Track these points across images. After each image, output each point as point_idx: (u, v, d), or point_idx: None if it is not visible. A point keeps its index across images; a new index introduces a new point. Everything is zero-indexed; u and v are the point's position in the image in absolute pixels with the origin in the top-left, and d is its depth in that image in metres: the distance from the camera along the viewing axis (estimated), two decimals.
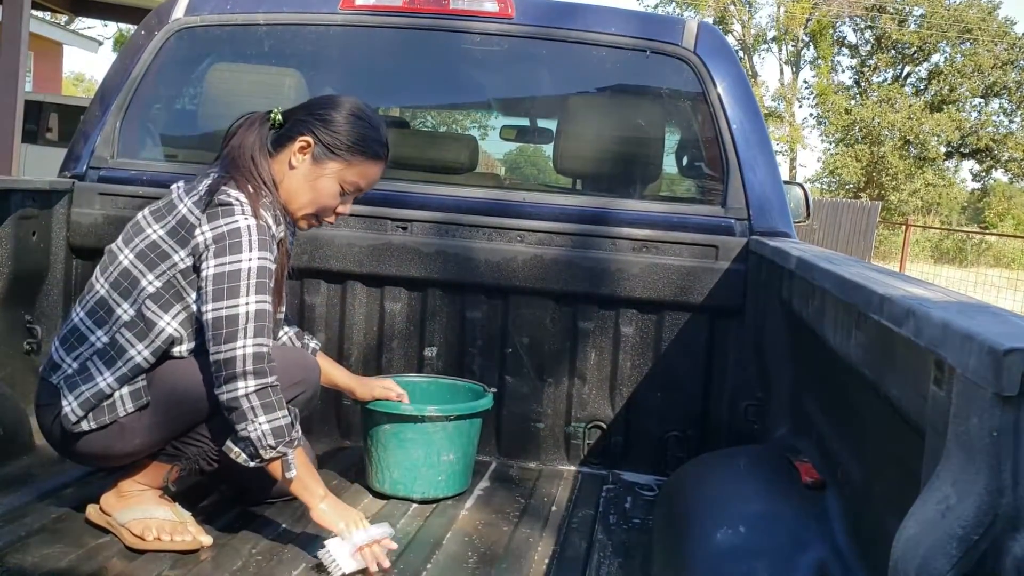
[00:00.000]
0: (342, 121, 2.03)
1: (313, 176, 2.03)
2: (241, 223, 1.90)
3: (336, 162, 2.03)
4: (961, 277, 16.14)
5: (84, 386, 1.96)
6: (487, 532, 2.24)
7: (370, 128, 2.06)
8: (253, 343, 1.86)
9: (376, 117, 2.11)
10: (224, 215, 1.91)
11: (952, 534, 0.88)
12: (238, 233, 1.89)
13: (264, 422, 1.85)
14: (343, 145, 2.02)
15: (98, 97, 2.87)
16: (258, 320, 1.87)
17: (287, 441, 1.88)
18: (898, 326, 1.16)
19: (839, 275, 1.56)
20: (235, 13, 2.85)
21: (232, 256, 1.88)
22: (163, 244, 1.96)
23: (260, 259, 1.90)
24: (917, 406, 1.12)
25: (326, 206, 2.07)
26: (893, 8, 29.76)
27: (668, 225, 2.68)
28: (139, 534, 1.97)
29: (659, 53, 2.74)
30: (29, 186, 2.61)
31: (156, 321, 1.95)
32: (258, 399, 1.85)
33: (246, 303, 1.86)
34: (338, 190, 2.05)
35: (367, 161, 2.06)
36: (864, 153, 28.77)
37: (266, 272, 1.91)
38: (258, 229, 1.91)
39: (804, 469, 1.92)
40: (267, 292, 1.91)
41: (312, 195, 2.04)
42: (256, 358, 1.85)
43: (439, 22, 2.80)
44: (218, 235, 1.90)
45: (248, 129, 2.04)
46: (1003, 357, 0.86)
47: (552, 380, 2.76)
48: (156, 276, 1.96)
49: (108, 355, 1.96)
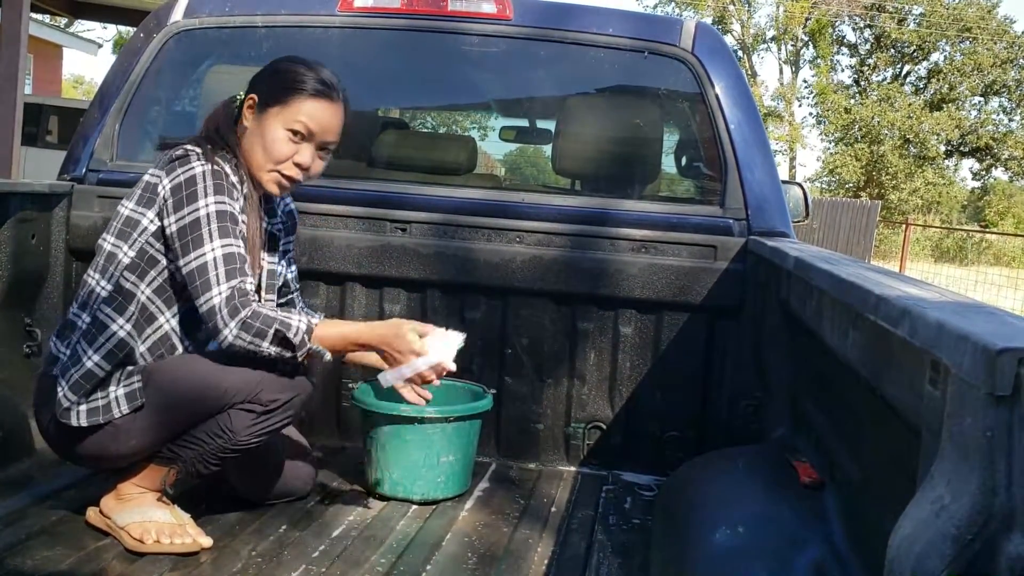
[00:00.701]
0: (281, 69, 2.10)
1: (261, 129, 2.07)
2: (197, 169, 1.96)
3: (275, 106, 2.06)
4: (961, 276, 16.14)
5: (73, 368, 1.99)
6: (487, 533, 2.24)
7: (300, 68, 2.10)
8: (226, 287, 1.89)
9: (312, 62, 2.14)
10: (180, 165, 1.98)
11: (946, 534, 0.88)
12: (193, 181, 1.95)
13: (268, 346, 1.90)
14: (277, 89, 2.07)
15: (97, 99, 2.88)
16: (227, 264, 1.91)
17: (298, 341, 1.92)
18: (894, 326, 1.16)
19: (836, 275, 1.57)
20: (234, 15, 2.86)
21: (190, 207, 1.93)
22: (134, 215, 2.03)
23: (217, 203, 1.94)
24: (913, 406, 1.13)
25: (279, 155, 2.07)
26: (892, 7, 29.76)
27: (667, 225, 2.69)
28: (138, 537, 1.97)
29: (657, 54, 2.74)
30: (28, 189, 2.61)
31: (134, 292, 2.00)
32: (248, 334, 1.88)
33: (212, 249, 1.90)
34: (285, 135, 2.06)
35: (305, 98, 2.07)
36: (864, 152, 28.77)
37: (227, 216, 1.95)
38: (213, 174, 1.96)
39: (802, 469, 1.93)
40: (233, 235, 1.94)
41: (262, 146, 2.06)
42: (228, 300, 1.88)
43: (437, 23, 2.80)
44: (175, 186, 1.96)
45: (215, 111, 2.15)
46: (996, 357, 0.86)
47: (551, 381, 2.76)
48: (130, 246, 2.01)
49: (91, 333, 2.00)
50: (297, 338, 1.92)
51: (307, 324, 1.95)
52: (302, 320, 1.95)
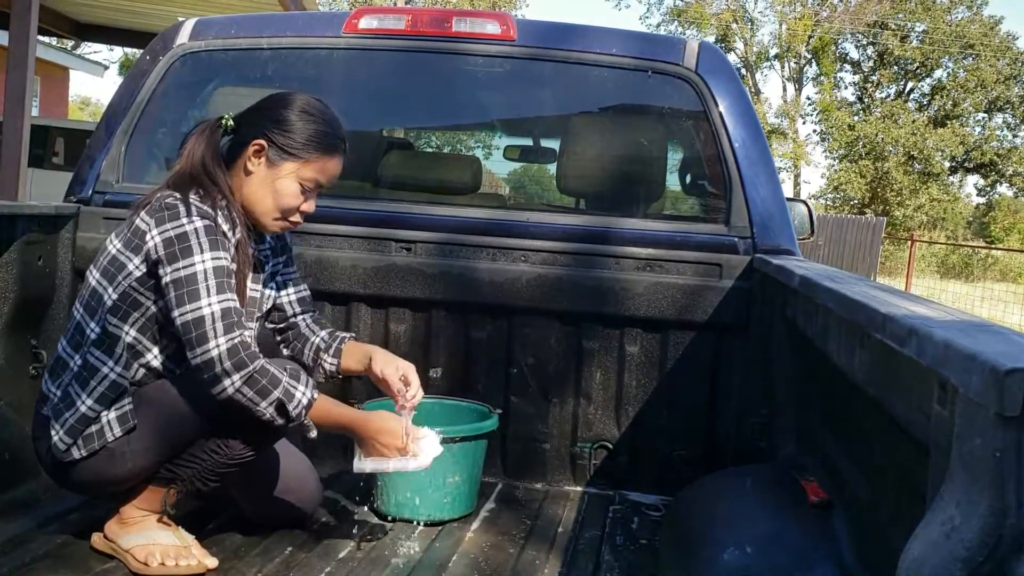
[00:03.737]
0: (294, 119, 2.00)
1: (271, 179, 2.01)
2: (187, 227, 1.89)
3: (292, 162, 2.00)
4: (967, 292, 16.10)
5: (67, 412, 1.97)
6: (493, 554, 2.23)
7: (323, 123, 2.04)
8: (226, 340, 1.84)
9: (328, 111, 2.08)
10: (170, 219, 1.90)
11: (957, 556, 0.88)
12: (186, 237, 1.88)
13: (265, 407, 1.86)
14: (298, 144, 2.00)
15: (104, 121, 2.89)
16: (225, 318, 1.85)
17: (295, 415, 1.89)
18: (901, 345, 1.16)
19: (842, 294, 1.56)
20: (239, 37, 2.88)
21: (185, 260, 1.87)
22: (120, 256, 1.96)
23: (214, 259, 1.88)
24: (921, 425, 1.12)
25: (289, 207, 2.04)
26: (895, 24, 29.85)
27: (671, 243, 2.68)
28: (143, 559, 1.97)
29: (661, 73, 2.75)
30: (35, 211, 2.62)
31: (118, 334, 1.96)
32: (250, 389, 1.84)
33: (209, 304, 1.85)
34: (298, 189, 2.02)
35: (324, 156, 2.03)
36: (868, 169, 28.78)
37: (223, 271, 1.90)
38: (206, 230, 1.90)
39: (810, 488, 1.91)
40: (229, 290, 1.90)
41: (273, 198, 2.02)
42: (231, 352, 1.83)
43: (442, 44, 2.82)
44: (166, 240, 1.88)
45: (199, 137, 2.03)
46: (1005, 377, 0.86)
47: (557, 400, 2.75)
48: (114, 288, 1.96)
49: (83, 376, 1.97)
50: (295, 411, 1.89)
51: (308, 399, 1.91)
52: (306, 393, 1.91)
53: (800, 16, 31.27)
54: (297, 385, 1.90)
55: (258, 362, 1.86)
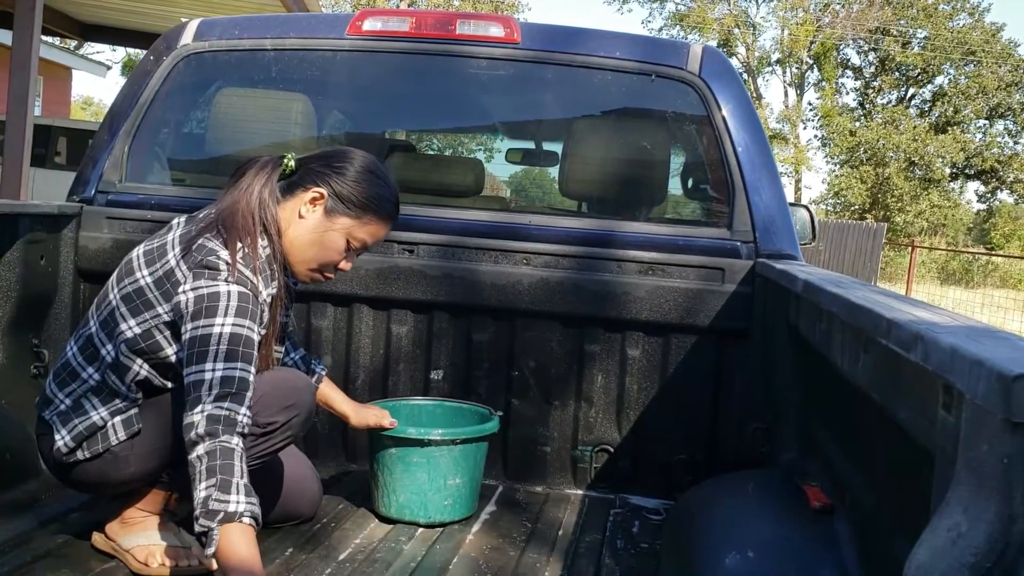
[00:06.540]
0: (358, 177, 1.98)
1: (322, 229, 1.97)
2: (222, 288, 1.82)
3: (347, 217, 1.97)
4: (968, 298, 16.10)
5: (77, 419, 1.96)
6: (494, 556, 2.23)
7: (384, 187, 2.01)
8: (212, 406, 1.73)
9: (390, 176, 2.06)
10: (209, 277, 1.83)
11: (964, 562, 0.87)
12: (216, 297, 1.81)
13: (204, 488, 1.69)
14: (357, 201, 1.97)
15: (107, 122, 2.89)
16: (223, 387, 1.75)
17: (216, 511, 1.67)
18: (906, 351, 1.16)
19: (846, 299, 1.56)
20: (243, 39, 2.88)
21: (207, 320, 1.80)
22: (148, 293, 1.91)
23: (235, 325, 1.80)
24: (926, 431, 1.12)
25: (330, 261, 2.01)
26: (896, 30, 29.87)
27: (674, 247, 2.68)
28: (144, 560, 1.97)
29: (664, 77, 2.75)
30: (37, 210, 2.62)
31: (130, 366, 1.94)
32: (208, 460, 1.70)
33: (212, 370, 1.76)
34: (344, 246, 1.99)
35: (378, 220, 2.01)
36: (869, 174, 28.80)
37: (241, 339, 1.80)
38: (239, 296, 1.82)
39: (813, 493, 1.91)
40: (241, 359, 1.79)
41: (318, 248, 1.98)
42: (210, 420, 1.72)
43: (445, 47, 2.82)
44: (198, 296, 1.82)
45: (259, 171, 1.97)
46: (1012, 383, 0.85)
47: (559, 403, 2.75)
48: (138, 323, 1.91)
49: (103, 392, 1.97)
50: (219, 508, 1.66)
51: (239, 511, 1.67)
52: (246, 514, 1.68)
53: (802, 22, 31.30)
54: (240, 497, 1.69)
55: (230, 439, 1.73)
